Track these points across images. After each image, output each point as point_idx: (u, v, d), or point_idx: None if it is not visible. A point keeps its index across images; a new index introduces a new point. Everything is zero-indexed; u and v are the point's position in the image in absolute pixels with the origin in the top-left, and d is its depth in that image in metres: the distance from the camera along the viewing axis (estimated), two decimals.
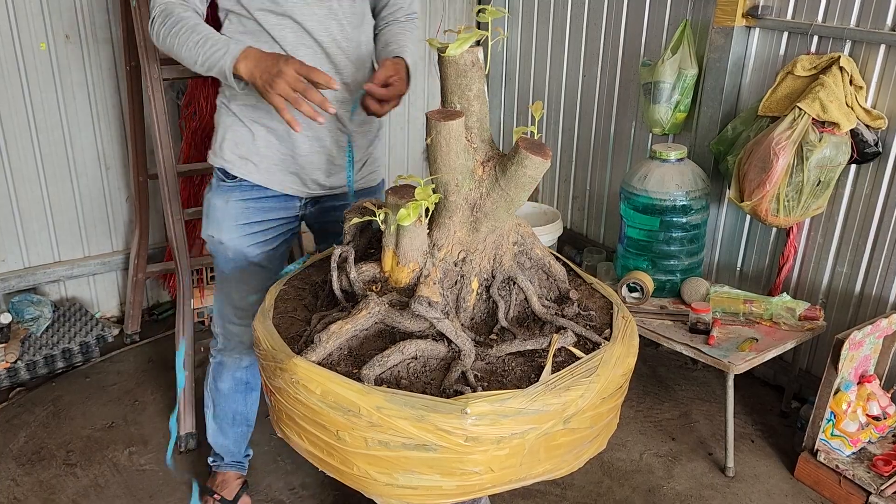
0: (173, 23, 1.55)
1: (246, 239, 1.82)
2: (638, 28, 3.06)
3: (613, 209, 3.36)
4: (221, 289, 1.92)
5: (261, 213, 1.80)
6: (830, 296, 2.61)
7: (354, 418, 1.17)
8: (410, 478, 1.22)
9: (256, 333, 1.36)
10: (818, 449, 2.29)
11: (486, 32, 1.31)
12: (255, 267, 1.85)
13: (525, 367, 1.29)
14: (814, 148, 2.31)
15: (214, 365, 2.06)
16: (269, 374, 1.31)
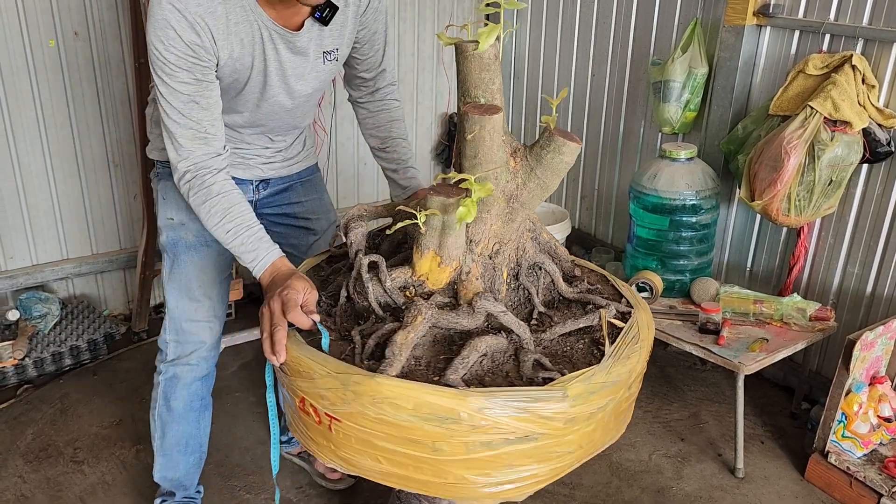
0: (203, 197, 1.50)
1: (200, 224, 1.75)
2: (648, 26, 3.05)
3: (622, 209, 3.34)
4: (177, 283, 1.83)
5: None
6: (841, 296, 2.59)
7: (454, 425, 1.14)
8: (508, 473, 1.23)
9: (298, 364, 1.25)
10: (829, 450, 2.28)
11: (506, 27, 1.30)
12: (214, 253, 1.81)
13: (581, 344, 1.35)
14: (825, 147, 2.30)
15: (165, 382, 1.91)
16: (333, 401, 1.21)
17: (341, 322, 1.37)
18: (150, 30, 1.44)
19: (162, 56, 1.44)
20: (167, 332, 1.89)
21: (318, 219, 2.01)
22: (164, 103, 1.49)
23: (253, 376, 2.84)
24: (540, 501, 2.25)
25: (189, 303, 1.84)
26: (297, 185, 1.95)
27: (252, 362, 2.93)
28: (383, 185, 3.70)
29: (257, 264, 1.49)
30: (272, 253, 1.50)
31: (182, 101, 1.47)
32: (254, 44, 1.53)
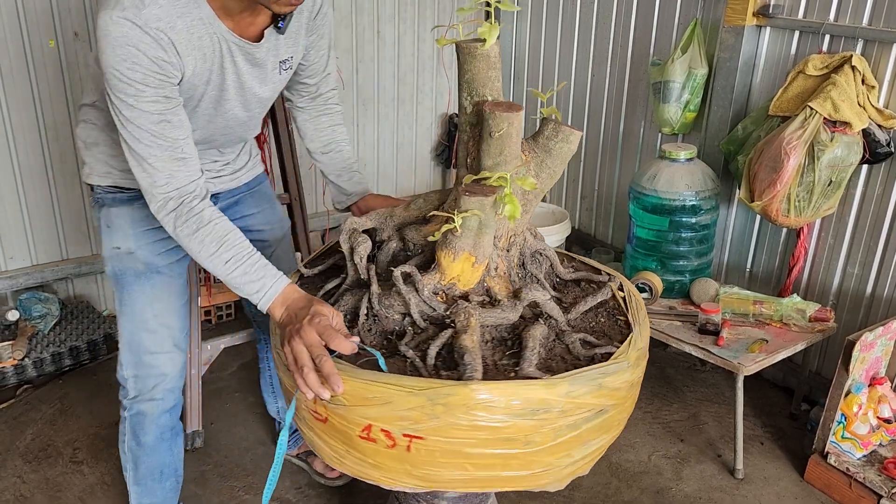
0: (195, 226, 1.38)
1: (155, 246, 1.69)
2: (648, 27, 3.04)
3: (622, 209, 3.34)
4: (130, 316, 1.72)
5: None
6: (841, 297, 2.59)
7: (545, 415, 1.20)
8: (584, 449, 1.30)
9: (366, 392, 1.20)
10: (828, 451, 2.27)
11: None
12: (166, 279, 1.72)
13: (602, 318, 1.46)
14: (825, 148, 2.29)
15: (131, 419, 1.82)
16: (417, 419, 1.18)
17: (369, 341, 1.35)
18: (108, 50, 1.32)
19: (126, 77, 1.33)
20: (125, 368, 1.77)
21: (272, 229, 1.95)
22: (131, 128, 1.37)
23: (252, 377, 2.84)
24: (539, 502, 2.25)
25: (146, 335, 1.73)
26: (246, 197, 1.89)
27: (252, 362, 2.93)
28: (383, 186, 3.70)
29: (264, 294, 1.37)
30: (280, 281, 1.38)
31: (153, 122, 1.37)
32: (213, 58, 1.45)
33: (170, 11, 1.35)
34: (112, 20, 1.30)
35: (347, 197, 1.83)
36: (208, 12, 1.40)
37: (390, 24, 3.44)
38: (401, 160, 3.72)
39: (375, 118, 3.55)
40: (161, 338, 1.75)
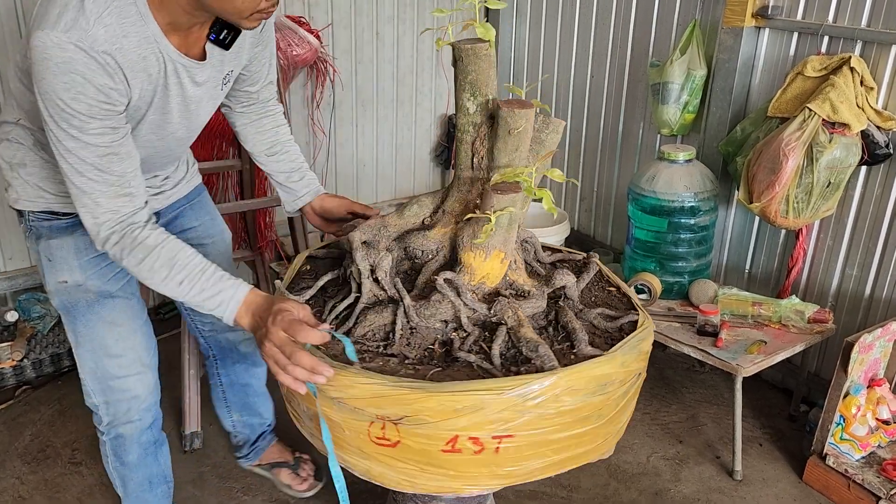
0: (141, 255, 1.32)
1: (105, 272, 1.59)
2: (647, 28, 3.05)
3: (621, 210, 3.34)
4: (90, 346, 1.64)
5: None
6: (840, 298, 2.59)
7: (609, 388, 1.28)
8: (623, 416, 1.40)
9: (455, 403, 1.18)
10: (827, 453, 2.27)
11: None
12: (122, 302, 1.63)
13: (598, 291, 1.57)
14: (824, 149, 2.29)
15: (111, 442, 1.76)
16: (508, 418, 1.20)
17: (415, 353, 1.33)
18: (49, 76, 1.20)
19: (69, 107, 1.22)
20: (93, 395, 1.70)
21: (214, 242, 1.88)
22: (73, 161, 1.27)
23: None
24: (538, 502, 2.24)
25: (110, 360, 1.65)
26: (186, 210, 1.81)
27: None
28: (382, 187, 3.70)
29: (227, 307, 1.31)
30: (239, 289, 1.32)
31: (98, 155, 1.27)
32: (158, 78, 1.35)
33: (115, 31, 1.24)
34: (54, 42, 1.19)
35: (299, 198, 1.76)
36: (155, 29, 1.30)
37: (389, 24, 3.44)
38: (400, 161, 3.72)
39: (374, 119, 3.55)
40: (127, 361, 1.66)
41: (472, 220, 1.36)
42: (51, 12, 1.21)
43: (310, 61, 2.96)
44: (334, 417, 1.28)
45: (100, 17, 1.22)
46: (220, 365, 2.12)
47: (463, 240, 1.38)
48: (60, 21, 1.20)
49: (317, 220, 1.80)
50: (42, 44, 1.19)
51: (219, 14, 1.31)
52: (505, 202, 1.30)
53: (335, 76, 3.29)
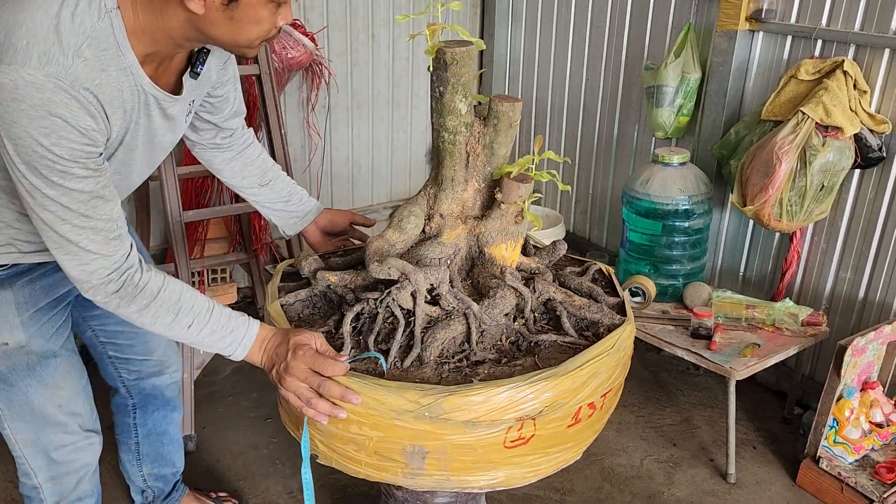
0: (145, 302, 1.24)
1: (47, 328, 1.45)
2: (641, 31, 3.05)
3: (616, 213, 3.34)
4: (28, 417, 1.46)
5: (46, 293, 1.44)
6: (834, 301, 2.59)
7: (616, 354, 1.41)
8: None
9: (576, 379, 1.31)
10: (820, 456, 2.27)
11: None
12: (65, 361, 1.50)
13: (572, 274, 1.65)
14: (817, 152, 2.30)
15: None
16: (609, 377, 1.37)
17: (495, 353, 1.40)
18: (23, 120, 1.07)
19: (51, 153, 1.09)
20: (35, 475, 1.52)
21: None
22: (55, 208, 1.14)
23: (246, 380, 2.84)
24: None
25: (53, 430, 1.49)
26: None
27: (245, 365, 2.90)
28: (378, 189, 3.70)
29: (239, 345, 1.28)
30: (251, 326, 1.29)
31: (82, 202, 1.16)
32: (132, 113, 1.24)
33: (94, 65, 1.12)
34: (27, 81, 1.05)
35: (302, 218, 1.71)
36: (132, 60, 1.19)
37: (385, 27, 3.44)
38: (396, 163, 3.72)
39: (370, 121, 3.55)
40: (72, 428, 1.52)
41: (497, 215, 1.45)
42: (16, 44, 1.06)
43: (305, 64, 2.96)
44: (463, 441, 1.28)
45: (78, 50, 1.10)
46: (138, 414, 1.90)
47: (491, 234, 1.46)
48: (32, 54, 1.06)
49: (318, 237, 1.73)
50: (12, 82, 1.05)
51: (223, 45, 1.23)
52: (529, 189, 1.43)
53: (330, 79, 3.29)
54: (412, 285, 1.38)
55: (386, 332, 1.40)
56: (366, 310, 1.42)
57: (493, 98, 1.42)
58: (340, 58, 3.35)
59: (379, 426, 1.28)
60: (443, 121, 1.42)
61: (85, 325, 1.70)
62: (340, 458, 1.36)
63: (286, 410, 1.53)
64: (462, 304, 1.40)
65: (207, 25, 1.17)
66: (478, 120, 1.46)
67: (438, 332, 1.36)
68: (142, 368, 1.80)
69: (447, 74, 1.36)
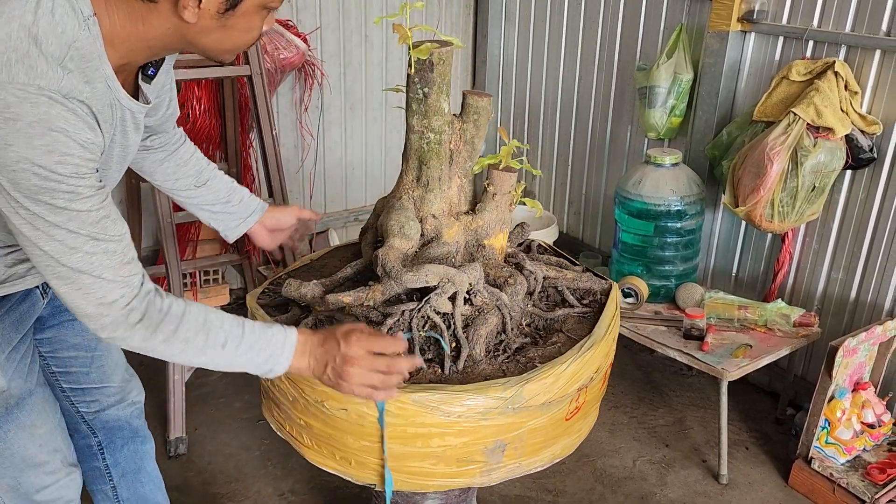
0: (172, 328, 1.13)
1: (21, 367, 1.35)
2: (634, 32, 3.05)
3: (609, 214, 3.34)
4: (7, 462, 1.37)
5: (16, 328, 1.34)
6: (826, 302, 2.59)
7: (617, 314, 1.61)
8: None
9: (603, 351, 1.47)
10: (812, 457, 2.28)
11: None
12: (40, 398, 1.40)
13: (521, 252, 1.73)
14: (808, 153, 2.30)
15: None
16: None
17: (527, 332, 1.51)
18: (19, 142, 0.97)
19: (55, 174, 1.00)
20: None
21: None
22: (62, 237, 1.03)
23: (238, 381, 2.82)
24: None
25: (34, 471, 1.40)
26: None
27: None
28: (371, 190, 3.69)
29: (281, 356, 1.18)
30: (289, 333, 1.20)
31: (91, 223, 1.05)
32: (111, 128, 1.15)
33: (80, 78, 1.04)
34: (18, 97, 0.97)
35: (245, 219, 1.61)
36: (109, 72, 1.10)
37: (378, 28, 3.43)
38: (389, 164, 3.71)
39: (364, 122, 3.55)
40: (54, 466, 1.43)
41: (492, 207, 1.50)
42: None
43: (297, 65, 2.95)
44: (538, 424, 1.37)
45: (62, 62, 1.02)
46: (107, 454, 1.71)
47: (490, 226, 1.52)
48: (16, 69, 0.97)
49: (265, 237, 1.66)
50: (2, 102, 0.96)
51: (206, 52, 1.17)
52: (515, 178, 1.49)
53: (323, 79, 3.28)
54: (455, 287, 1.39)
55: (422, 341, 1.40)
56: (399, 322, 1.40)
57: (469, 94, 1.45)
58: (333, 58, 3.34)
59: (463, 432, 1.30)
60: (428, 122, 1.42)
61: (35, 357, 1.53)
62: (410, 476, 1.36)
63: (276, 417, 1.53)
64: (494, 297, 1.45)
65: (196, 34, 1.12)
66: (455, 117, 1.47)
67: (480, 329, 1.41)
68: (100, 398, 1.63)
69: (433, 75, 1.36)
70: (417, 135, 1.46)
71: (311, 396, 1.35)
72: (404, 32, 1.35)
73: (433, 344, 1.42)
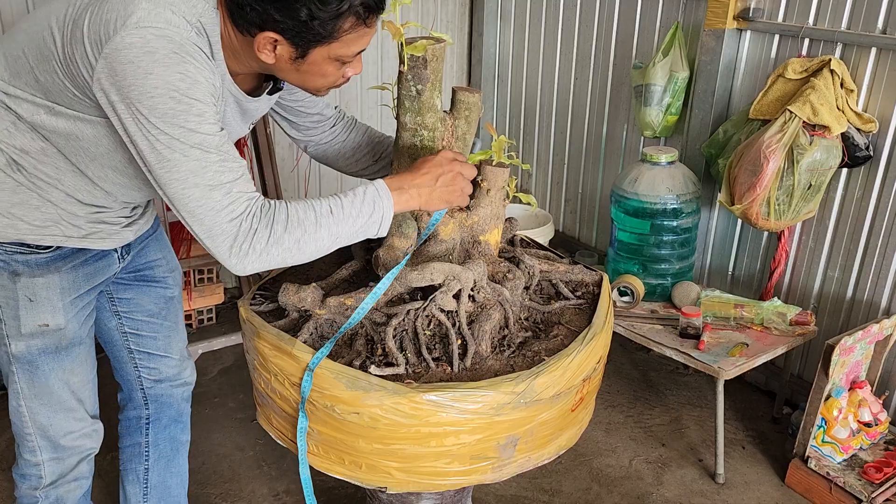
0: (283, 217, 1.22)
1: (81, 314, 1.49)
2: (630, 30, 3.04)
3: (605, 212, 3.33)
4: (45, 399, 1.49)
5: (87, 280, 1.48)
6: (822, 300, 2.59)
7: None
8: None
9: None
10: (809, 456, 2.27)
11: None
12: (86, 349, 1.53)
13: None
14: (804, 151, 2.29)
15: None
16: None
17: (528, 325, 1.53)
18: (159, 70, 1.14)
19: (187, 97, 1.16)
20: (40, 452, 1.53)
21: (174, 275, 1.75)
22: (196, 155, 1.17)
23: (232, 381, 2.81)
24: None
25: (65, 415, 1.52)
26: (151, 241, 1.67)
27: (232, 367, 2.91)
28: None
29: (384, 199, 1.28)
30: (375, 182, 1.30)
31: (218, 146, 1.20)
32: (220, 99, 1.31)
33: (203, 41, 1.23)
34: (156, 33, 1.15)
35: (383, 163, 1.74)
36: (220, 57, 1.29)
37: None
38: None
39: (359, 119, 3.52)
40: (81, 414, 1.55)
41: (486, 202, 1.49)
42: (137, 9, 1.15)
43: None
44: (548, 417, 1.39)
45: (191, 22, 1.20)
46: (151, 430, 1.83)
47: (486, 222, 1.51)
48: (150, 15, 1.15)
49: None
50: (142, 39, 1.14)
51: (300, 88, 1.38)
52: (508, 173, 1.48)
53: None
54: (460, 284, 1.41)
55: (428, 339, 1.41)
56: (405, 322, 1.41)
57: (459, 90, 1.45)
58: None
59: (478, 428, 1.31)
60: (421, 119, 1.41)
61: (111, 314, 1.68)
62: (423, 476, 1.36)
63: (266, 417, 1.52)
64: (496, 292, 1.46)
65: (279, 71, 1.31)
66: (446, 114, 1.47)
67: (485, 325, 1.41)
68: (161, 367, 1.76)
69: (426, 72, 1.35)
70: (410, 132, 1.44)
71: (320, 402, 1.34)
72: (396, 30, 1.34)
73: (439, 342, 1.41)
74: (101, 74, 1.17)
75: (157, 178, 1.20)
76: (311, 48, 1.25)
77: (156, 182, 1.22)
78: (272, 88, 1.45)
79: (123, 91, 1.16)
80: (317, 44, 1.24)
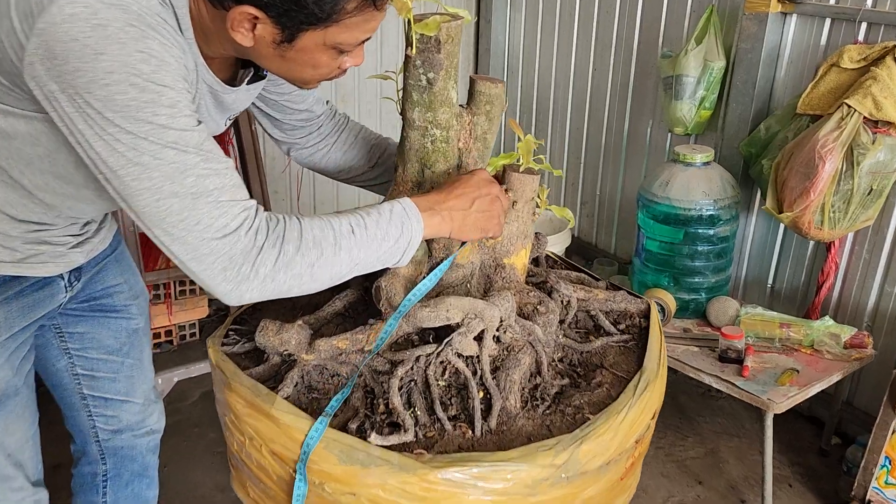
0: (295, 234, 0.99)
1: (14, 357, 1.22)
2: (656, 14, 2.78)
3: (626, 216, 3.06)
4: None
5: (23, 314, 1.22)
6: (877, 319, 2.31)
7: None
8: None
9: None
10: (870, 499, 2.00)
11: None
12: (24, 400, 1.26)
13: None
14: (866, 151, 2.02)
15: None
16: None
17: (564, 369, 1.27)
18: (115, 48, 0.87)
19: (151, 83, 0.89)
20: None
21: (139, 304, 1.48)
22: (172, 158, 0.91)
23: (213, 408, 2.52)
24: None
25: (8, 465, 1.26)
26: (111, 263, 1.40)
27: (212, 393, 2.62)
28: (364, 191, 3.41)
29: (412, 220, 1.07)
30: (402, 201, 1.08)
31: (197, 145, 0.94)
32: (193, 87, 1.07)
33: (170, 15, 0.98)
34: (104, 1, 0.87)
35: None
36: (191, 34, 1.02)
37: None
38: None
39: (356, 115, 3.28)
40: (20, 482, 1.27)
41: (512, 217, 1.24)
42: None
43: None
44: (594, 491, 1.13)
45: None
46: (109, 489, 1.55)
47: (511, 242, 1.26)
48: None
49: None
50: (87, 8, 0.86)
51: (283, 79, 1.14)
52: (538, 181, 1.24)
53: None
54: (483, 324, 1.13)
55: (443, 392, 1.13)
56: (414, 371, 1.13)
57: (479, 80, 1.18)
58: None
59: None
60: (433, 115, 1.13)
61: (59, 353, 1.40)
62: None
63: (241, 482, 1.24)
64: (525, 331, 1.20)
65: (257, 58, 1.06)
66: (462, 109, 1.20)
67: (513, 374, 1.15)
68: (121, 414, 1.49)
69: (440, 56, 1.07)
70: (419, 131, 1.16)
71: (308, 477, 1.06)
72: (403, 3, 1.05)
73: (456, 395, 1.13)
74: (33, 58, 0.88)
75: (120, 188, 0.93)
76: (301, 31, 0.99)
77: (117, 193, 0.94)
78: (252, 77, 1.18)
79: (66, 79, 0.88)
80: (309, 26, 0.98)
